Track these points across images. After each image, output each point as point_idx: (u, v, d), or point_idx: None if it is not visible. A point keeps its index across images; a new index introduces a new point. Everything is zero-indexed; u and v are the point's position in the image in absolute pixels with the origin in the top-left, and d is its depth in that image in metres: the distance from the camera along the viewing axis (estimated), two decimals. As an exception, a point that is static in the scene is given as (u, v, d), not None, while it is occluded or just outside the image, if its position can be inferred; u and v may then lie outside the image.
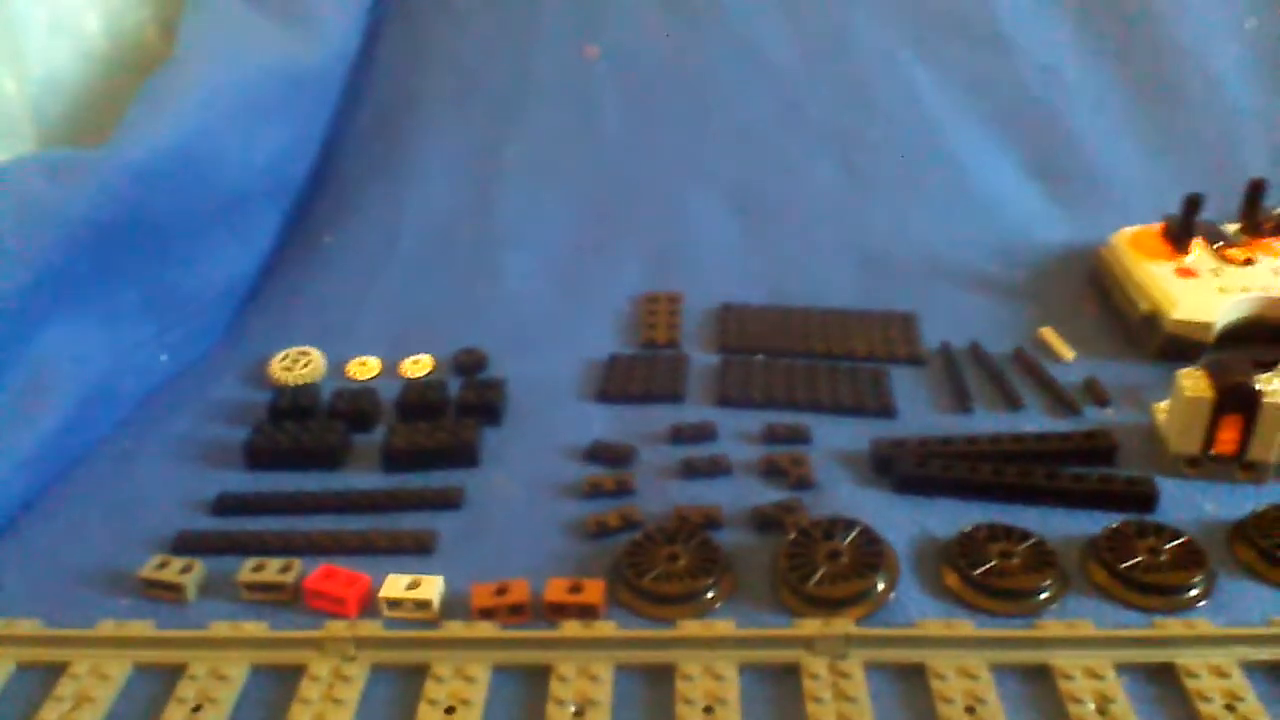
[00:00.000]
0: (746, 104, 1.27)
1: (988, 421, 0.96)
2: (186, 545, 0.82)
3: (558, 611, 0.74)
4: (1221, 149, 1.24)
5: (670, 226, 1.21)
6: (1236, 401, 0.85)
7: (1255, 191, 1.11)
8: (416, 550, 0.82)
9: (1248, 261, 1.08)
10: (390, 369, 1.04)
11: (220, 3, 1.16)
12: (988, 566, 0.76)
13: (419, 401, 0.97)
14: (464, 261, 1.16)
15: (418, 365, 1.03)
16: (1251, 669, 0.69)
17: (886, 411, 0.97)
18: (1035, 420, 0.96)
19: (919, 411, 0.98)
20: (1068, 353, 1.04)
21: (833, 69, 1.28)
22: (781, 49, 1.28)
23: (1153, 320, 1.04)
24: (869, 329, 1.08)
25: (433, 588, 0.75)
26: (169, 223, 1.01)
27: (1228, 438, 0.86)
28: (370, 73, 1.29)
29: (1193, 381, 0.87)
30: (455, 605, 0.76)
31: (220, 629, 0.73)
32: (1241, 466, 0.87)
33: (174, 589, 0.77)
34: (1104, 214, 1.17)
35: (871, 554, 0.77)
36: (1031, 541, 0.78)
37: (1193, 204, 1.08)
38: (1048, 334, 1.07)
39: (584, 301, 1.13)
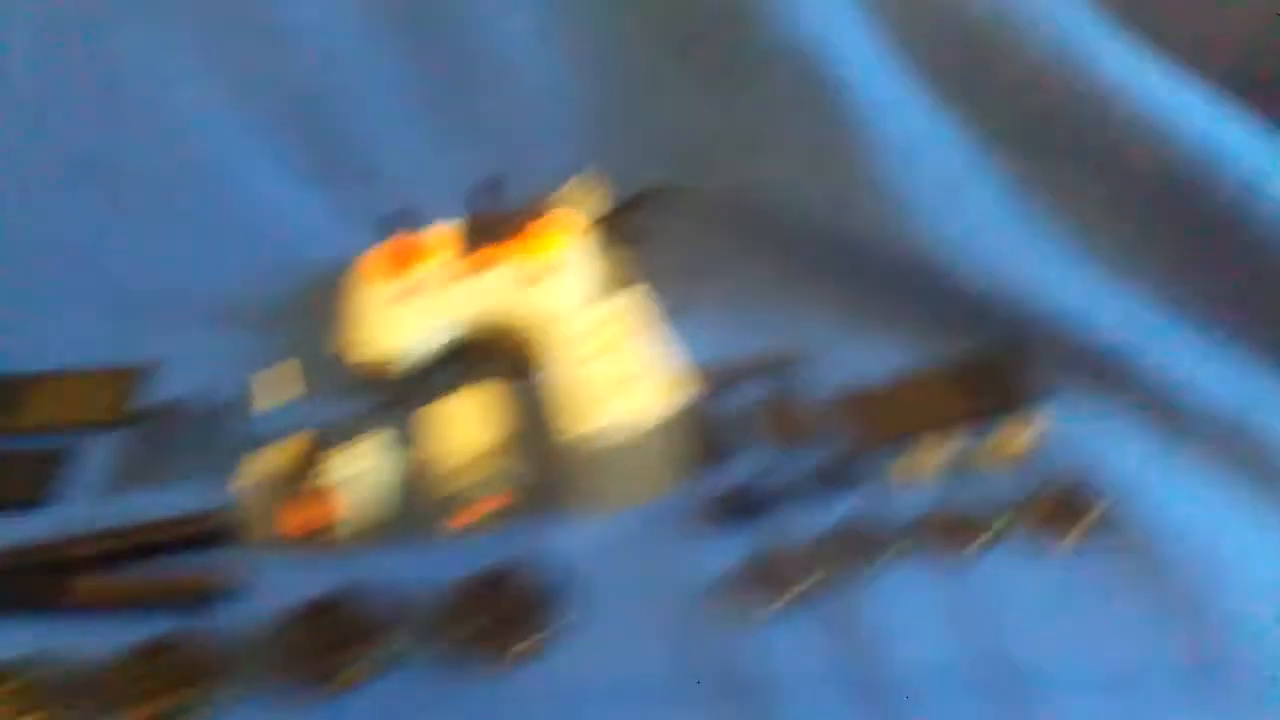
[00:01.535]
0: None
1: (164, 500, 0.90)
2: None
3: None
4: (513, 148, 1.16)
5: None
6: (301, 481, 0.84)
7: (496, 190, 1.05)
8: None
9: (478, 271, 1.02)
10: None
11: None
12: None
13: None
14: None
15: None
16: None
17: (39, 502, 0.92)
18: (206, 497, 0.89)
19: (92, 496, 0.92)
20: (288, 394, 0.99)
21: (91, 91, 1.13)
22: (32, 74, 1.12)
23: (350, 356, 0.99)
24: (76, 392, 1.01)
25: None
26: None
27: (307, 515, 0.85)
28: None
29: (263, 462, 0.85)
30: None
31: None
32: (325, 539, 0.86)
33: None
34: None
35: None
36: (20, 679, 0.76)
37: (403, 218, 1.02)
38: (274, 374, 1.00)
39: None
